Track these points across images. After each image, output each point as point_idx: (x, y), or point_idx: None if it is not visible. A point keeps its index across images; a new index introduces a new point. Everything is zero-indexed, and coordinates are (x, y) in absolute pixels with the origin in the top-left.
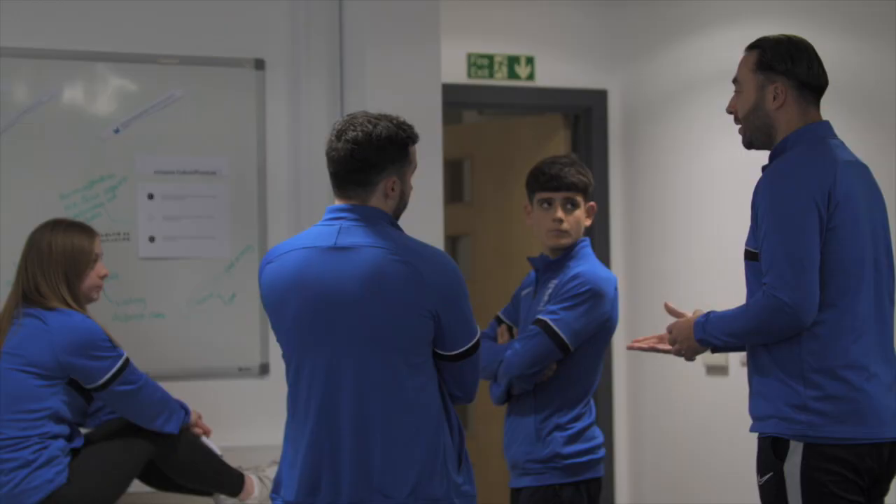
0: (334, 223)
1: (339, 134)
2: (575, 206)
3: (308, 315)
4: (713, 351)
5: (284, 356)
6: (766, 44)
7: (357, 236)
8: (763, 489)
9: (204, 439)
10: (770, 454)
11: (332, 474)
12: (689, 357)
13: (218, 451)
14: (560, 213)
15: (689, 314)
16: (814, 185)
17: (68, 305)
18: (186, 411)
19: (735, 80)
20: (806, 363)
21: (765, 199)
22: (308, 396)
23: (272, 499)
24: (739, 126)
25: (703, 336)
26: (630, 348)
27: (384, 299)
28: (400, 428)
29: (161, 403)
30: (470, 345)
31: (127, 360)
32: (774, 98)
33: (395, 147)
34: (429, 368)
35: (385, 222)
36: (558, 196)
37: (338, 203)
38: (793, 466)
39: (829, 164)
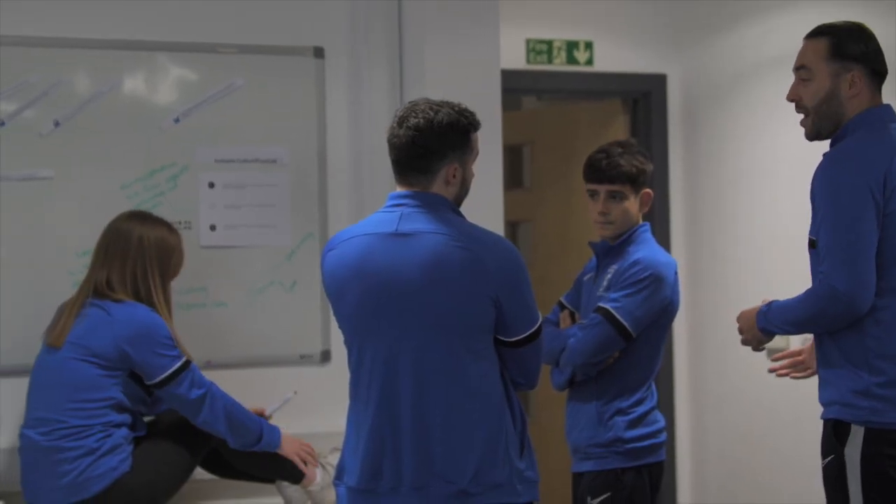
0: (395, 210)
1: (400, 121)
2: (621, 197)
3: (370, 301)
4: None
5: (346, 342)
6: (837, 31)
7: (418, 222)
8: (825, 472)
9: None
10: (832, 438)
11: (393, 460)
12: (756, 347)
13: (290, 394)
14: (603, 206)
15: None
16: (868, 170)
17: (142, 299)
18: (263, 437)
19: (800, 68)
20: (870, 350)
21: (821, 186)
22: (370, 382)
23: (335, 485)
24: (803, 116)
25: (764, 325)
26: (771, 370)
27: (446, 286)
28: (461, 414)
29: (228, 420)
30: (532, 331)
31: (187, 363)
32: (851, 86)
33: (456, 134)
34: (490, 355)
35: (446, 209)
36: (602, 188)
37: (399, 190)
38: (853, 450)
39: (885, 149)
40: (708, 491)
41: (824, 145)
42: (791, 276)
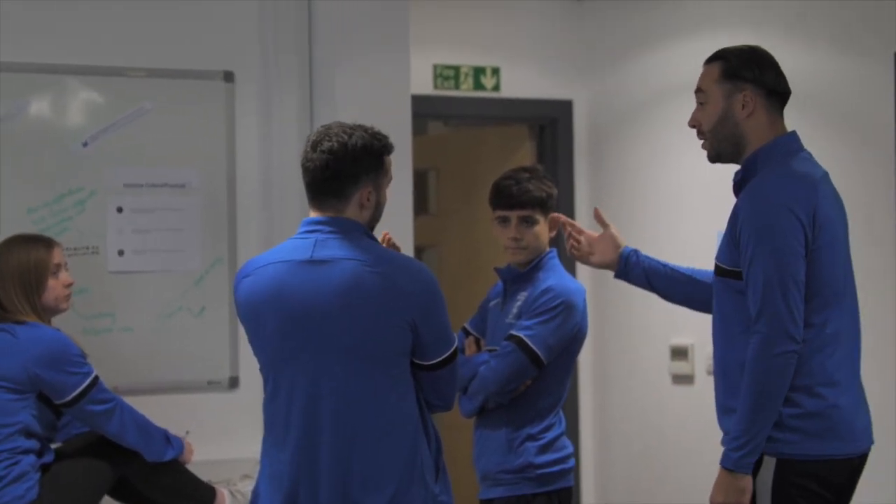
0: (309, 236)
1: (314, 145)
2: (532, 222)
3: (286, 329)
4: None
5: (262, 370)
6: (729, 53)
7: (333, 249)
8: None
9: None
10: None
11: (309, 487)
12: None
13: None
14: (516, 232)
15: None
16: (799, 210)
17: (37, 318)
18: (171, 442)
19: (698, 91)
20: None
21: (750, 224)
22: (287, 411)
23: None
24: (703, 140)
25: (733, 462)
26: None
27: (362, 312)
28: (379, 440)
29: (137, 429)
30: (448, 353)
31: (96, 378)
32: (744, 106)
33: (370, 157)
34: (407, 379)
35: (361, 234)
36: (513, 214)
37: (313, 215)
38: (764, 480)
39: (809, 185)
40: None
41: (728, 169)
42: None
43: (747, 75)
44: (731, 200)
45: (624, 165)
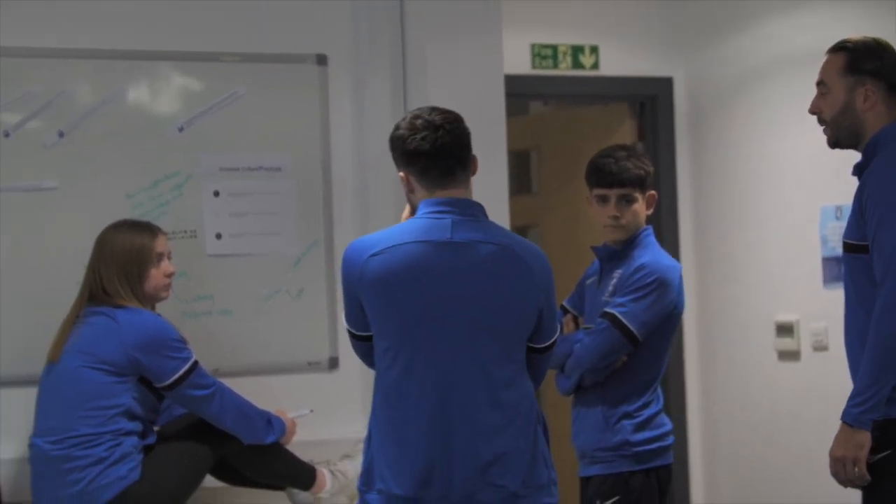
0: (444, 216)
1: (424, 131)
2: (631, 200)
3: (425, 309)
4: None
5: (388, 349)
6: (853, 46)
7: (471, 231)
8: (875, 466)
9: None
10: (886, 434)
11: (444, 468)
12: (857, 461)
13: (307, 411)
14: (615, 210)
15: None
16: None
17: (138, 304)
18: (272, 425)
19: (820, 83)
20: None
21: (876, 193)
22: (420, 390)
23: (361, 492)
24: (824, 126)
25: (854, 418)
26: None
27: (500, 295)
28: (511, 421)
29: (237, 413)
30: (556, 336)
31: (196, 363)
32: (865, 99)
33: (469, 142)
34: (524, 360)
35: (486, 216)
36: (613, 192)
37: (436, 196)
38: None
39: None
40: (721, 492)
41: (825, 144)
42: (799, 276)
43: (869, 68)
44: (834, 175)
45: (725, 141)
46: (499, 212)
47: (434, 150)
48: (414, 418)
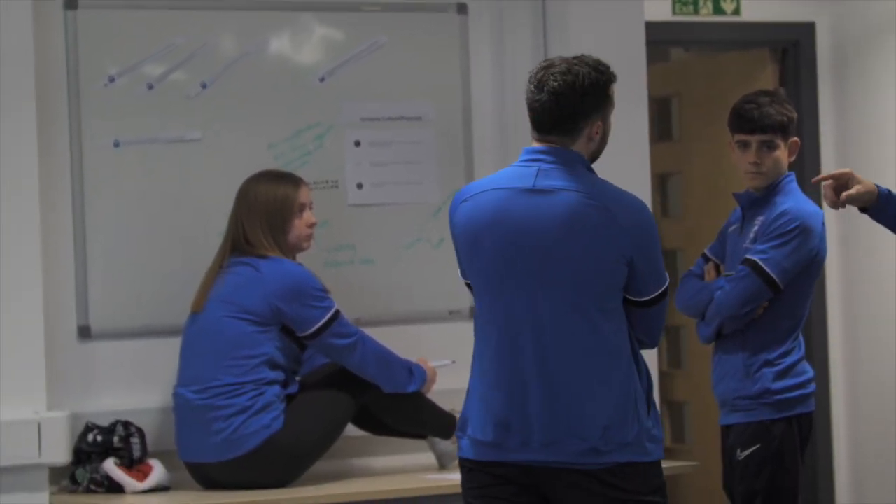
0: (532, 164)
1: (539, 85)
2: (773, 146)
3: (505, 255)
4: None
5: (476, 296)
6: None
7: (555, 179)
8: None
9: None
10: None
11: (522, 415)
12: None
13: (448, 362)
14: (756, 156)
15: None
16: None
17: (280, 254)
18: (413, 373)
19: None
20: None
21: None
22: (500, 337)
23: (457, 437)
24: None
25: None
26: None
27: (581, 244)
28: (592, 371)
29: (378, 362)
30: (661, 291)
31: (337, 312)
32: None
33: (597, 92)
34: (620, 313)
35: (582, 166)
36: (754, 138)
37: (536, 144)
38: None
39: None
40: (864, 440)
41: None
42: None
43: None
44: None
45: (869, 87)
46: (639, 158)
47: (536, 110)
48: (492, 363)
